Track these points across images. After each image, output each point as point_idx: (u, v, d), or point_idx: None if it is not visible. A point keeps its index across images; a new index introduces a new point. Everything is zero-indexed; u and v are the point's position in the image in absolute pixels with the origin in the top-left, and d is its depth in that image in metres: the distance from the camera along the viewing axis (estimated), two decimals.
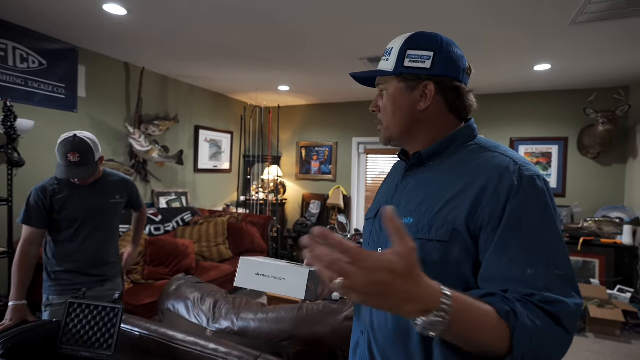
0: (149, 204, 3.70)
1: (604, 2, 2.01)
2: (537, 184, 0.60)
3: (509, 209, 0.58)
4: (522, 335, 0.51)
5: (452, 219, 0.62)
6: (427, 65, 0.69)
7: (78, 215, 1.62)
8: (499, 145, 0.69)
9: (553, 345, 0.54)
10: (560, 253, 0.58)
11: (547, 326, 0.53)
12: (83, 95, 3.07)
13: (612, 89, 3.73)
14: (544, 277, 0.55)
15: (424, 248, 0.62)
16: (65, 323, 1.29)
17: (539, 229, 0.58)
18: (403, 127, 0.74)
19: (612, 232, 3.47)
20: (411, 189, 0.72)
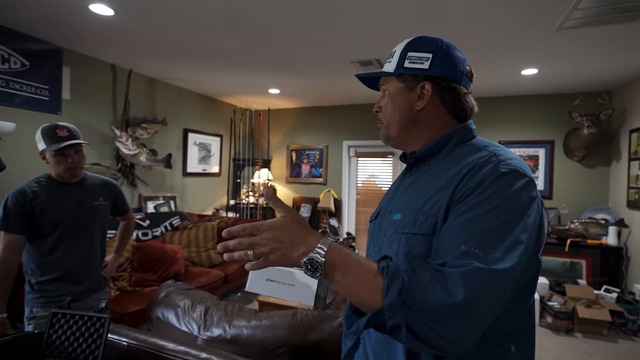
0: (137, 209, 3.61)
1: (589, 9, 2.06)
2: (506, 178, 0.58)
3: (469, 195, 0.58)
4: (391, 284, 0.52)
5: (435, 212, 0.62)
6: (426, 66, 0.71)
7: (60, 218, 1.55)
8: (491, 143, 0.69)
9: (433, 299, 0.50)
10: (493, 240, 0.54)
11: (428, 280, 0.52)
12: (67, 97, 2.98)
13: (596, 93, 3.83)
14: (466, 253, 0.53)
15: (409, 242, 0.64)
16: (49, 334, 1.23)
17: (482, 216, 0.56)
18: (401, 126, 0.75)
19: (597, 233, 3.54)
20: (407, 188, 0.74)
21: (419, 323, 0.50)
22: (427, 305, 0.50)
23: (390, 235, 0.70)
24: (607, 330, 2.98)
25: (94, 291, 1.69)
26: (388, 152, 4.85)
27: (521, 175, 0.60)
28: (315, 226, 5.00)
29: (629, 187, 3.41)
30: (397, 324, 0.51)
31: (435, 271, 0.53)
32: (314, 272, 0.55)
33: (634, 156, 3.35)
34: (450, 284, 0.51)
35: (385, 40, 2.61)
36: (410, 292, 0.51)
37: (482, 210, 0.56)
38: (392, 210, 0.74)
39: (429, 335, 0.50)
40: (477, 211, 0.57)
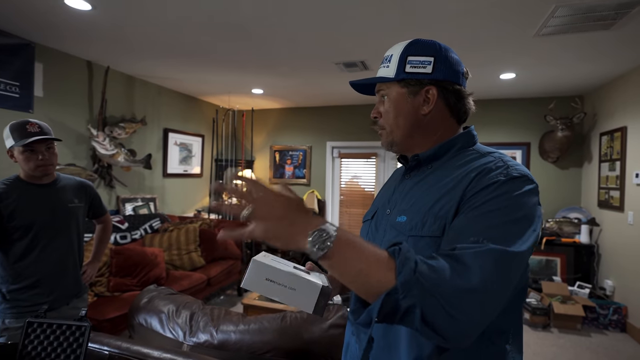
0: (114, 211, 3.49)
1: (565, 17, 2.15)
2: (516, 183, 0.60)
3: (479, 196, 0.59)
4: (404, 265, 0.51)
5: (444, 215, 0.62)
6: (429, 70, 0.70)
7: (32, 222, 1.47)
8: (494, 151, 0.71)
9: (448, 283, 0.49)
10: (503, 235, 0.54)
11: (441, 263, 0.51)
12: (40, 95, 2.84)
13: (570, 97, 4.00)
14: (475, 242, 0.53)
15: (417, 245, 0.63)
16: (23, 345, 1.16)
17: (494, 218, 0.56)
18: (406, 131, 0.74)
19: (571, 232, 3.70)
20: (408, 190, 0.74)
21: (434, 304, 0.48)
22: (442, 286, 0.49)
23: (394, 237, 0.69)
24: (580, 325, 3.11)
25: (71, 298, 1.62)
26: (371, 153, 4.89)
27: (530, 180, 0.62)
28: None
29: (600, 187, 3.58)
30: (412, 303, 0.49)
31: (447, 256, 0.53)
32: (322, 244, 0.50)
33: (604, 158, 3.52)
34: (465, 266, 0.50)
35: (369, 43, 2.63)
36: (423, 271, 0.50)
37: (492, 207, 0.57)
38: (391, 211, 0.74)
39: (442, 318, 0.48)
40: (487, 208, 0.57)
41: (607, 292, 3.37)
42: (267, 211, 0.52)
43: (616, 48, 2.63)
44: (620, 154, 3.21)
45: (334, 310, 1.38)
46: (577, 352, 2.72)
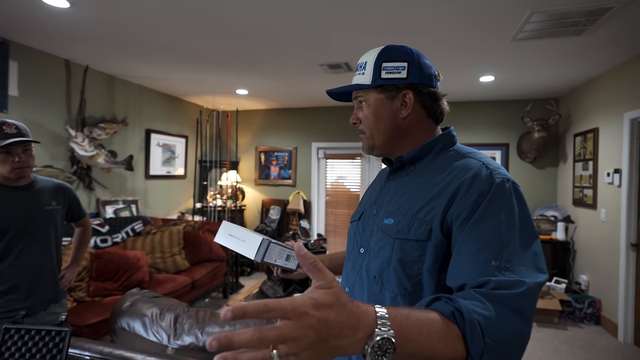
0: (94, 214, 3.40)
1: (540, 22, 2.23)
2: (505, 187, 0.64)
3: (477, 210, 0.61)
4: (473, 332, 0.48)
5: (430, 219, 0.65)
6: (404, 75, 0.73)
7: (7, 225, 1.43)
8: (474, 151, 0.74)
9: (509, 332, 0.51)
10: (516, 249, 0.58)
11: (499, 314, 0.51)
12: (15, 94, 2.75)
13: (546, 99, 4.15)
14: (499, 268, 0.56)
15: (403, 247, 0.66)
16: (0, 352, 1.13)
17: (498, 228, 0.59)
18: (386, 135, 0.76)
19: (548, 229, 3.83)
20: (393, 192, 0.76)
21: (493, 353, 0.49)
22: (501, 337, 0.50)
23: (380, 238, 0.71)
24: (557, 319, 3.23)
25: (49, 304, 1.57)
26: (356, 154, 4.93)
27: (511, 182, 0.65)
28: (285, 228, 4.97)
29: (574, 186, 3.73)
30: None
31: (492, 299, 0.53)
32: (384, 355, 0.41)
33: (578, 158, 3.67)
34: (516, 311, 0.52)
35: (354, 44, 2.67)
36: (488, 331, 0.50)
37: (495, 222, 0.60)
38: (377, 212, 0.76)
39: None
40: (490, 225, 0.60)
41: (582, 287, 3.51)
42: (301, 346, 0.37)
43: (588, 53, 2.75)
44: (592, 154, 3.36)
45: None
46: (555, 346, 2.82)
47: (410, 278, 0.66)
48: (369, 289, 0.71)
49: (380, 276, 0.70)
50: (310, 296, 0.39)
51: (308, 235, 3.49)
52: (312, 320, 0.37)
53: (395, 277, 0.67)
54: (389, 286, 0.68)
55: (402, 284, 0.66)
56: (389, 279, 0.68)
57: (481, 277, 0.56)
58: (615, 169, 3.00)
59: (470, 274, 0.57)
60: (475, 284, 0.56)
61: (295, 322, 0.37)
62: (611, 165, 3.09)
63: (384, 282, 0.69)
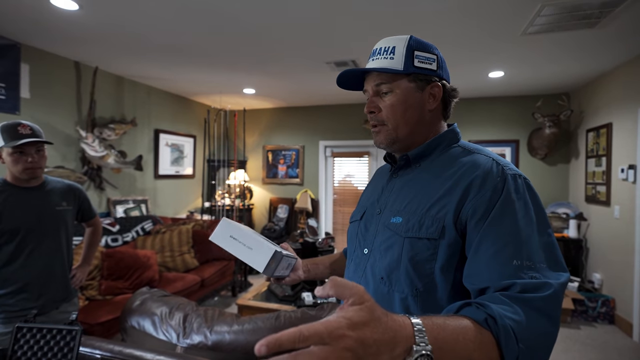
0: (104, 213, 3.45)
1: (551, 15, 2.18)
2: (518, 183, 0.63)
3: (493, 208, 0.60)
4: (507, 339, 0.48)
5: (442, 217, 0.63)
6: (434, 67, 0.71)
7: (18, 226, 1.45)
8: (480, 147, 0.72)
9: (540, 335, 0.52)
10: (536, 245, 0.58)
11: (529, 318, 0.51)
12: (27, 96, 2.80)
13: (557, 95, 4.07)
14: (521, 268, 0.56)
15: (414, 246, 0.64)
16: (12, 351, 1.15)
17: (517, 225, 0.59)
18: (412, 127, 0.73)
19: (560, 227, 3.76)
20: (398, 190, 0.74)
21: (526, 355, 0.50)
22: (532, 340, 0.51)
23: (387, 237, 0.69)
24: (570, 318, 3.17)
25: (60, 303, 1.60)
26: (364, 152, 4.91)
27: (523, 177, 0.65)
28: (293, 227, 4.98)
29: (587, 183, 3.65)
30: None
31: (520, 302, 0.52)
32: None
33: (590, 154, 3.59)
34: (545, 314, 0.52)
35: (360, 42, 2.65)
36: (521, 336, 0.50)
37: (512, 220, 0.59)
38: (382, 211, 0.74)
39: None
40: (507, 223, 0.59)
41: (595, 285, 3.44)
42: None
43: (601, 46, 2.68)
44: (605, 150, 3.28)
45: (327, 309, 1.39)
46: (567, 345, 2.78)
47: (422, 277, 0.64)
48: (375, 290, 0.69)
49: (388, 277, 0.68)
50: (344, 316, 0.37)
51: (316, 234, 3.49)
52: (349, 341, 0.36)
53: (406, 277, 0.65)
54: (398, 287, 0.66)
55: (414, 284, 0.64)
56: (398, 279, 0.66)
57: (504, 278, 0.55)
58: (629, 165, 2.93)
59: (491, 275, 0.56)
60: (499, 287, 0.54)
61: (333, 345, 0.35)
62: (625, 161, 3.01)
63: (392, 283, 0.67)
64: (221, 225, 0.72)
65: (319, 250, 3.09)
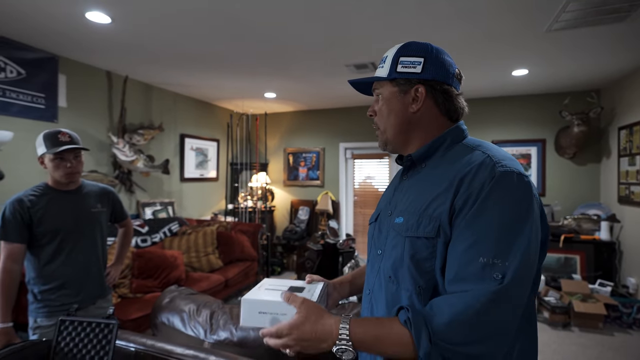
0: (134, 215, 3.61)
1: (577, 11, 2.12)
2: (508, 179, 0.62)
3: (475, 203, 0.61)
4: (418, 337, 0.57)
5: (438, 216, 0.65)
6: (418, 70, 0.73)
7: (59, 227, 1.54)
8: (482, 144, 0.72)
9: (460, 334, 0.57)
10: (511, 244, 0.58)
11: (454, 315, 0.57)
12: (64, 105, 2.98)
13: (585, 92, 3.92)
14: (487, 266, 0.58)
15: (414, 245, 0.67)
16: (57, 342, 1.24)
17: (494, 222, 0.59)
18: (397, 129, 0.77)
19: (590, 229, 3.61)
20: (406, 191, 0.76)
21: (454, 352, 0.58)
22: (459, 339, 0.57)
23: (393, 237, 0.72)
24: (602, 324, 3.04)
25: (96, 299, 1.69)
26: (384, 153, 4.89)
27: (516, 174, 0.63)
28: (314, 228, 5.02)
29: (619, 182, 3.49)
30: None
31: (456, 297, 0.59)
32: (346, 355, 0.61)
33: (623, 152, 3.44)
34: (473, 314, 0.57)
35: (380, 44, 2.66)
36: (439, 335, 0.57)
37: (491, 216, 0.60)
38: (392, 212, 0.76)
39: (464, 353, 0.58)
40: (485, 219, 0.60)
41: (630, 290, 3.28)
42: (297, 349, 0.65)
43: (632, 40, 2.57)
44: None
45: (349, 308, 1.41)
46: (600, 352, 2.67)
47: (424, 275, 0.66)
48: (386, 289, 0.72)
49: (395, 275, 0.70)
50: (287, 321, 0.66)
51: (337, 235, 3.51)
52: (293, 337, 0.64)
53: (409, 276, 0.67)
54: (404, 285, 0.68)
55: (417, 282, 0.66)
56: (403, 277, 0.68)
57: (468, 275, 0.59)
58: None
59: (457, 270, 0.60)
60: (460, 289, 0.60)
61: (287, 337, 0.64)
62: None
63: (399, 281, 0.69)
64: (244, 307, 0.68)
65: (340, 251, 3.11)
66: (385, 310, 0.71)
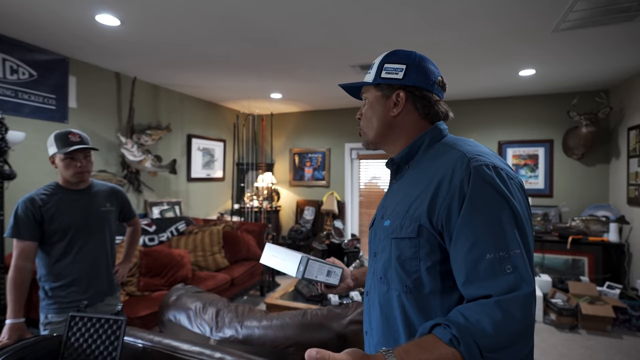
0: (142, 215, 3.66)
1: (584, 10, 2.11)
2: (485, 172, 0.63)
3: (463, 202, 0.63)
4: (470, 354, 0.55)
5: (417, 216, 0.67)
6: (400, 76, 0.77)
7: (69, 225, 1.58)
8: (458, 141, 0.74)
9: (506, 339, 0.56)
10: (509, 234, 0.60)
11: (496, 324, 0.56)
12: (74, 106, 3.04)
13: (594, 92, 3.87)
14: (495, 261, 0.59)
15: (399, 246, 0.69)
16: (67, 337, 1.27)
17: (487, 217, 0.61)
18: (377, 131, 0.80)
19: (599, 230, 3.57)
20: (394, 194, 0.79)
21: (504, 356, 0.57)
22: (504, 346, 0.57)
23: (382, 240, 0.75)
24: (611, 327, 3.01)
25: (105, 296, 1.72)
26: None
27: (491, 166, 0.64)
28: (319, 228, 5.03)
29: (629, 184, 3.45)
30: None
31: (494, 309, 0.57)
32: None
33: (632, 153, 3.39)
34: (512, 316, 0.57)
35: (385, 44, 2.66)
36: (488, 346, 0.56)
37: (482, 214, 0.61)
38: (383, 216, 0.79)
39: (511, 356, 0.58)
40: (477, 218, 0.61)
41: (639, 293, 3.24)
42: None
43: None
44: None
45: (352, 307, 1.42)
46: (608, 355, 2.64)
47: (410, 275, 0.68)
48: (379, 290, 0.75)
49: (385, 276, 0.73)
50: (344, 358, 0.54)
51: (342, 236, 3.52)
52: None
53: (396, 276, 0.70)
54: (393, 285, 0.71)
55: (403, 282, 0.69)
56: (392, 278, 0.71)
57: (480, 275, 0.59)
58: None
59: (468, 272, 0.60)
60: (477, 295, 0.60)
61: None
62: None
63: (389, 282, 0.72)
64: (266, 249, 0.95)
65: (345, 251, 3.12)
66: (378, 310, 0.75)
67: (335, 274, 0.92)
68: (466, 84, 3.73)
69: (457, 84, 3.73)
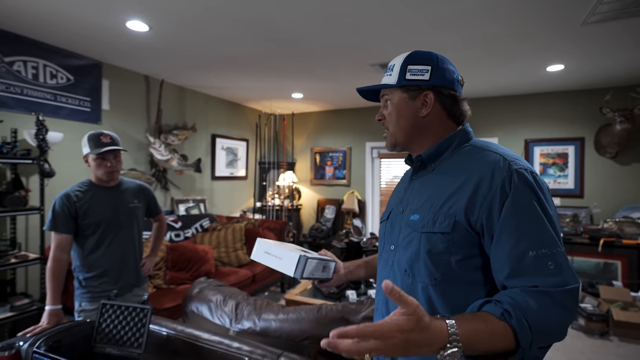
0: (169, 211, 3.82)
1: (614, 2, 2.02)
2: (526, 176, 0.67)
3: (504, 203, 0.66)
4: (521, 328, 0.58)
5: (453, 213, 0.69)
6: (426, 77, 0.78)
7: (100, 220, 1.69)
8: (490, 144, 0.77)
9: (553, 323, 0.59)
10: (549, 232, 0.64)
11: (543, 308, 0.59)
12: (107, 108, 3.21)
13: (629, 87, 3.67)
14: (538, 258, 0.62)
15: (430, 240, 0.71)
16: (99, 323, 1.37)
17: (528, 217, 0.64)
18: (406, 132, 0.82)
19: (634, 233, 3.39)
20: (417, 190, 0.81)
21: (543, 343, 0.61)
22: (551, 328, 0.60)
23: (408, 233, 0.76)
24: None
25: (133, 287, 1.83)
26: None
27: (530, 171, 0.68)
28: (339, 227, 5.06)
29: None
30: (536, 355, 0.61)
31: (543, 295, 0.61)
32: (455, 357, 0.55)
33: None
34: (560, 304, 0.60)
35: (405, 42, 2.65)
36: (536, 325, 0.59)
37: (525, 213, 0.65)
38: (404, 210, 0.81)
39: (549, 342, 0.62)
40: (521, 217, 0.65)
41: None
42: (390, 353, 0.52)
43: None
44: None
45: (367, 304, 1.44)
46: None
47: (439, 268, 0.70)
48: (402, 282, 0.76)
49: (410, 269, 0.74)
50: (397, 322, 0.53)
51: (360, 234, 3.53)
52: (396, 341, 0.52)
53: (425, 269, 0.72)
54: (419, 277, 0.73)
55: (432, 274, 0.71)
56: (419, 270, 0.73)
57: (523, 271, 0.62)
58: None
59: (512, 269, 0.63)
60: (522, 283, 0.62)
61: (385, 342, 0.51)
62: None
63: (414, 274, 0.74)
64: (256, 245, 0.86)
65: (364, 249, 3.13)
66: None
67: (329, 268, 0.92)
68: (490, 81, 3.64)
69: (481, 81, 3.65)
